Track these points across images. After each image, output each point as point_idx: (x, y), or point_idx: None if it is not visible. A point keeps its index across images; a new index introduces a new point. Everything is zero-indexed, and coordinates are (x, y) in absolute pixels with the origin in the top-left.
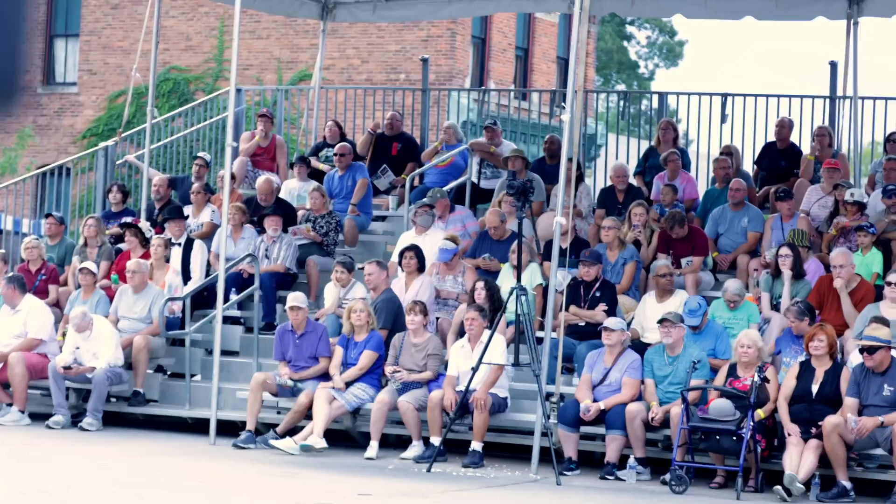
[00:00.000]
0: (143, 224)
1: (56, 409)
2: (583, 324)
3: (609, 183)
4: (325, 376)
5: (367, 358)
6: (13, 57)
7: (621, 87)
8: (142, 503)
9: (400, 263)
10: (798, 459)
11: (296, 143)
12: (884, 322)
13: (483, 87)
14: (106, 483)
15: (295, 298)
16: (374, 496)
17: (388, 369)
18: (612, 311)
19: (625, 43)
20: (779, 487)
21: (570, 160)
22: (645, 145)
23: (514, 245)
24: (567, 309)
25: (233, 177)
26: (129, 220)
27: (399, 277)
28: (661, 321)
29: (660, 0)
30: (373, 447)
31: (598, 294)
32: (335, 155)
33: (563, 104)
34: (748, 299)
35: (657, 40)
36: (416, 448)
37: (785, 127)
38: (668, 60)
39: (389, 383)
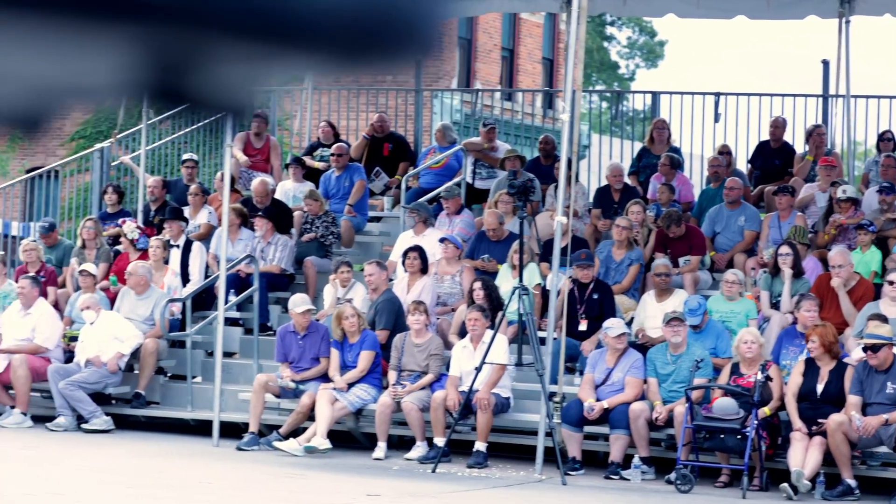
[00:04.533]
0: (128, 226)
1: (59, 410)
2: (584, 325)
3: (603, 183)
4: (327, 377)
5: (365, 359)
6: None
7: (601, 87)
8: None
9: (403, 263)
10: (803, 457)
11: (288, 145)
12: (883, 320)
13: (473, 88)
14: (113, 485)
15: (303, 301)
16: (382, 497)
17: (390, 389)
18: (610, 312)
19: (605, 43)
20: (785, 485)
21: (568, 160)
22: (629, 146)
23: (515, 245)
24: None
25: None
26: (129, 220)
27: (401, 278)
28: (669, 320)
29: (652, 0)
30: (381, 448)
31: (594, 296)
32: (332, 155)
33: (563, 104)
34: (747, 297)
35: (638, 40)
36: (419, 449)
37: (779, 126)
38: (648, 61)
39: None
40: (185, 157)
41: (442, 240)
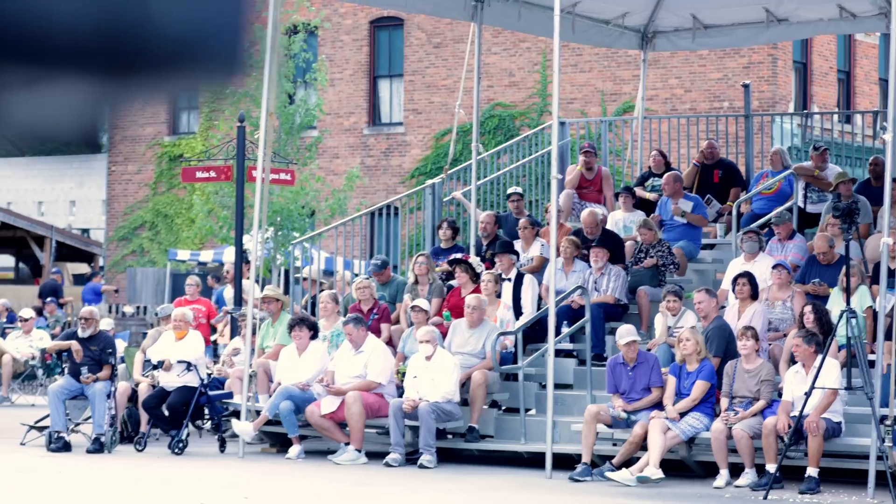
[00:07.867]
0: (474, 259)
1: (393, 447)
2: None
3: None
4: (659, 406)
5: (699, 388)
6: (237, 27)
7: None
8: None
9: (733, 290)
10: None
11: (621, 175)
12: None
13: (806, 111)
14: None
15: (629, 332)
16: None
17: (722, 415)
18: None
19: None
20: None
21: (893, 181)
22: None
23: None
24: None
25: (560, 210)
26: (458, 256)
27: (731, 304)
28: None
29: None
30: (722, 475)
31: None
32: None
33: (885, 125)
34: None
35: None
36: (749, 475)
37: None
38: None
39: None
40: (509, 191)
41: (774, 266)
